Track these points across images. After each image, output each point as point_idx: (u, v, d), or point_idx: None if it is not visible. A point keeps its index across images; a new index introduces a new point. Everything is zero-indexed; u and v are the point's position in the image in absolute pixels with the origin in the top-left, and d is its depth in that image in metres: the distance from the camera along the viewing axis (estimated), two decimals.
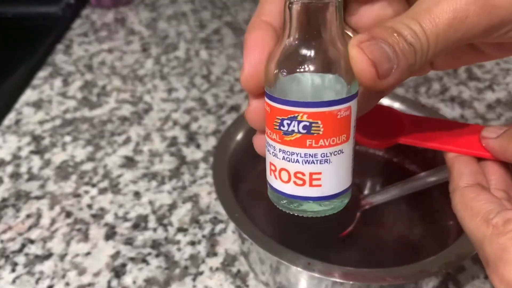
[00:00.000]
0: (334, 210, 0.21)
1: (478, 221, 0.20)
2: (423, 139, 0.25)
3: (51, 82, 0.56)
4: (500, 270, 0.19)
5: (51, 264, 0.36)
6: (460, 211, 0.22)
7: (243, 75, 0.20)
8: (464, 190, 0.22)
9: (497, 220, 0.20)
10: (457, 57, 0.23)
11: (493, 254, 0.19)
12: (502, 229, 0.19)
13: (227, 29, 0.68)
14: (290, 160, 0.20)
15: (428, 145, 0.25)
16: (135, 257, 0.36)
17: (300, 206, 0.21)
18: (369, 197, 0.36)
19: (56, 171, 0.44)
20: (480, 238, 0.20)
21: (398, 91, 0.55)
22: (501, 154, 0.23)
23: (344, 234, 0.35)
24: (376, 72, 0.17)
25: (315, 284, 0.29)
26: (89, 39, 0.65)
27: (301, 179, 0.20)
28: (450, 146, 0.24)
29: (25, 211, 0.40)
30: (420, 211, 0.37)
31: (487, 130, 0.24)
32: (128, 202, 0.41)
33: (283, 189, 0.21)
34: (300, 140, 0.19)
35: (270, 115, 0.19)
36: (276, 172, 0.20)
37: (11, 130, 0.49)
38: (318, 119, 0.18)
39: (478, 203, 0.21)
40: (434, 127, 0.25)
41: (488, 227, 0.20)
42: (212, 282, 0.34)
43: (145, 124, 0.50)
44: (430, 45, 0.18)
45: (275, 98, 0.19)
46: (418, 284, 0.31)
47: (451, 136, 0.25)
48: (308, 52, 0.18)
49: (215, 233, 0.38)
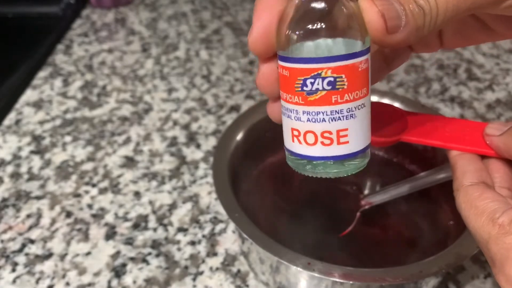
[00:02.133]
0: (357, 169, 0.21)
1: (483, 220, 0.20)
2: (426, 136, 0.25)
3: (51, 82, 0.56)
4: (507, 269, 0.19)
5: (51, 264, 0.36)
6: (464, 210, 0.21)
7: (251, 37, 0.19)
8: (468, 189, 0.22)
9: (503, 219, 0.19)
10: (468, 35, 0.23)
11: (499, 253, 0.19)
12: (509, 228, 0.19)
13: (227, 29, 0.68)
14: (316, 120, 0.19)
15: (431, 143, 0.25)
16: (135, 257, 0.36)
17: (325, 168, 0.20)
18: (369, 197, 0.36)
19: (56, 171, 0.44)
20: (485, 237, 0.20)
21: (398, 91, 0.55)
22: (505, 152, 0.23)
23: (344, 234, 0.35)
24: (385, 24, 0.18)
25: (315, 284, 0.29)
26: (89, 39, 0.65)
27: (329, 138, 0.19)
28: (453, 143, 0.24)
29: (26, 211, 0.40)
30: (420, 211, 0.37)
31: (491, 128, 0.24)
32: (128, 202, 0.41)
33: (309, 153, 0.20)
34: (325, 98, 0.19)
35: (290, 78, 0.19)
36: (300, 137, 0.20)
37: (12, 130, 0.49)
38: (342, 73, 0.18)
39: (483, 202, 0.21)
40: (436, 124, 0.25)
41: (494, 227, 0.19)
42: (212, 282, 0.34)
43: (145, 124, 0.50)
44: (439, 10, 0.18)
45: (293, 59, 0.19)
46: (418, 284, 0.31)
47: (454, 133, 0.24)
48: (322, 7, 0.18)
49: (215, 233, 0.38)
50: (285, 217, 0.37)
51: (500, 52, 0.63)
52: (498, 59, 0.62)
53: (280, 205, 0.37)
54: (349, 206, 0.36)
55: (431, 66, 0.60)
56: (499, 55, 0.62)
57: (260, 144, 0.38)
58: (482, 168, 0.23)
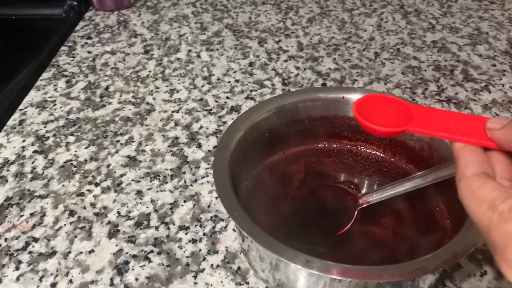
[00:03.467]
0: None
1: (484, 208, 0.20)
2: (430, 128, 0.25)
3: (55, 83, 0.57)
4: (508, 255, 0.19)
5: (54, 262, 0.36)
6: (466, 199, 0.22)
7: None
8: (470, 179, 0.22)
9: (503, 206, 0.20)
10: None
11: (500, 240, 0.19)
12: (509, 215, 0.19)
13: (228, 31, 0.69)
14: None
15: (436, 134, 0.25)
16: (137, 254, 0.37)
17: None
18: (366, 195, 0.36)
19: (60, 171, 0.45)
20: (486, 224, 0.20)
21: (395, 92, 0.56)
22: (506, 144, 0.23)
23: (342, 232, 0.35)
24: None
25: (314, 281, 0.30)
26: (92, 41, 0.66)
27: None
28: (458, 135, 0.25)
29: (29, 210, 0.41)
30: (417, 209, 0.37)
31: (492, 122, 0.24)
32: (131, 201, 0.41)
33: None
34: None
35: None
36: None
37: (16, 130, 0.50)
38: None
39: (484, 191, 0.21)
40: (440, 117, 0.26)
41: (494, 214, 0.20)
42: (213, 279, 0.35)
43: (148, 124, 0.51)
44: None
45: None
46: (415, 282, 0.31)
47: (457, 126, 0.25)
48: None
49: (216, 231, 0.39)
50: (284, 216, 0.37)
51: (497, 53, 0.64)
52: (494, 60, 0.62)
53: (280, 204, 0.38)
54: (347, 205, 0.37)
55: (428, 67, 0.61)
56: (495, 56, 0.63)
57: (260, 144, 0.39)
58: (484, 160, 0.23)
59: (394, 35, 0.68)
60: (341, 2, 0.78)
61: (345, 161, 0.41)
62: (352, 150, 0.42)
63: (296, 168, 0.41)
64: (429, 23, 0.72)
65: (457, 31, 0.69)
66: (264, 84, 0.57)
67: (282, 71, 0.59)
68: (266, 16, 0.73)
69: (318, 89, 0.49)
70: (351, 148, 0.42)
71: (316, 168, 0.41)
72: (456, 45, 0.66)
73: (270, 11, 0.75)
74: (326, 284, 0.30)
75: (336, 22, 0.71)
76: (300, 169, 0.41)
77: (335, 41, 0.66)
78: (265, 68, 0.60)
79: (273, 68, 0.60)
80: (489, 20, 0.73)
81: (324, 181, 0.40)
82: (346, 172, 0.41)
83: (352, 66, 0.60)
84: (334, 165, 0.41)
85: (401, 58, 0.63)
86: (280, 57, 0.62)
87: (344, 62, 0.61)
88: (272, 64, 0.61)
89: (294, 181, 0.40)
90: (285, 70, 0.60)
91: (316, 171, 0.41)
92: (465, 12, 0.75)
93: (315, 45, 0.65)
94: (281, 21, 0.72)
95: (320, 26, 0.70)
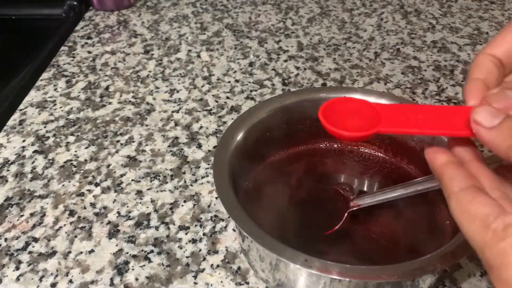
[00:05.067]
0: None
1: (477, 225, 0.20)
2: (401, 126, 0.24)
3: (55, 83, 0.57)
4: (503, 275, 0.18)
5: (54, 262, 0.36)
6: (457, 217, 0.21)
7: None
8: (459, 195, 0.21)
9: (496, 225, 0.19)
10: None
11: (495, 259, 0.19)
12: (503, 234, 0.19)
13: (228, 31, 0.69)
14: None
15: (407, 131, 0.24)
16: (137, 254, 0.37)
17: None
18: (357, 199, 0.36)
19: (60, 171, 0.45)
20: (480, 243, 0.20)
21: (395, 92, 0.56)
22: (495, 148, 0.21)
23: (329, 233, 0.35)
24: None
25: (314, 281, 0.30)
26: (92, 41, 0.66)
27: None
28: (428, 129, 0.23)
29: (29, 210, 0.41)
30: (416, 210, 0.37)
31: (479, 114, 0.22)
32: (131, 201, 0.41)
33: None
34: None
35: None
36: None
37: (16, 130, 0.50)
38: None
39: (474, 206, 0.20)
40: (408, 112, 0.24)
41: (488, 233, 0.19)
42: (213, 279, 0.35)
43: (148, 124, 0.51)
44: None
45: None
46: (415, 282, 0.31)
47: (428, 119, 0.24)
48: None
49: (216, 231, 0.39)
50: (284, 216, 0.37)
51: None
52: None
53: (279, 204, 0.38)
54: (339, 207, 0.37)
55: (428, 67, 0.61)
56: None
57: (260, 144, 0.39)
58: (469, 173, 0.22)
59: (394, 35, 0.68)
60: (341, 2, 0.78)
61: (346, 161, 0.42)
62: (353, 151, 0.42)
63: (296, 168, 0.41)
64: (429, 23, 0.72)
65: (457, 31, 0.69)
66: (264, 84, 0.57)
67: (282, 71, 0.59)
68: (266, 16, 0.73)
69: (318, 89, 0.49)
70: (352, 148, 0.42)
71: (316, 168, 0.41)
72: (456, 45, 0.66)
73: (270, 11, 0.75)
74: (326, 284, 0.30)
75: (336, 22, 0.71)
76: (301, 169, 0.41)
77: (335, 41, 0.66)
78: (265, 68, 0.60)
79: (273, 68, 0.60)
80: (489, 20, 0.73)
81: (324, 182, 0.40)
82: (347, 172, 0.41)
83: (352, 66, 0.60)
84: (335, 166, 0.41)
85: (401, 58, 0.63)
86: (280, 57, 0.62)
87: (344, 62, 0.61)
88: (272, 64, 0.61)
89: (293, 181, 0.40)
90: (285, 70, 0.60)
91: (316, 171, 0.41)
92: (465, 12, 0.75)
93: (315, 45, 0.65)
94: (281, 21, 0.72)
95: (320, 26, 0.70)
